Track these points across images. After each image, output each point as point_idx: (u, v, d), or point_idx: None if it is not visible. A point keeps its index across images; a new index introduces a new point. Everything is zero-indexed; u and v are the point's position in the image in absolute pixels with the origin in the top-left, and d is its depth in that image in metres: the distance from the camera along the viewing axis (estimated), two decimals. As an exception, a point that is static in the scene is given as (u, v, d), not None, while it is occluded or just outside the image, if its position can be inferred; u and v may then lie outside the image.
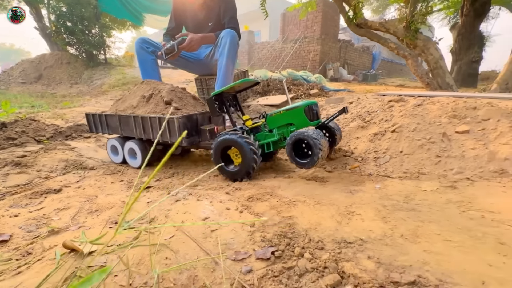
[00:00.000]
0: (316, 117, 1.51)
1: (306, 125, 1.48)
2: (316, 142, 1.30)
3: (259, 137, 1.67)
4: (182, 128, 1.69)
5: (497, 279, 0.67)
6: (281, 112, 1.55)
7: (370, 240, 0.88)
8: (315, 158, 1.31)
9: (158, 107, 1.88)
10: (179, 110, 1.83)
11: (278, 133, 1.59)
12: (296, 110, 1.50)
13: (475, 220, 0.95)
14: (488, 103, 1.62)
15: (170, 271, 0.86)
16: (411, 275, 0.71)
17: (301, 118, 1.49)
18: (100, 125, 2.16)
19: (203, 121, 1.89)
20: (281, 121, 1.56)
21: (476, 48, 7.44)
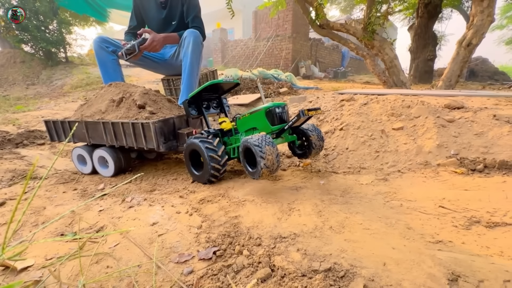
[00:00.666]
0: (279, 121, 1.38)
1: (268, 130, 1.37)
2: (257, 149, 1.17)
3: (232, 141, 1.61)
4: (159, 133, 1.60)
5: (395, 260, 0.79)
6: (246, 115, 1.47)
7: (302, 233, 0.97)
8: (259, 168, 1.18)
9: (130, 111, 1.77)
10: (154, 114, 1.73)
11: None
12: (257, 113, 1.40)
13: (394, 209, 1.08)
14: (421, 102, 1.82)
15: (110, 279, 0.87)
16: (329, 262, 0.81)
17: (263, 122, 1.37)
18: (63, 132, 2.00)
19: (181, 125, 1.80)
20: (247, 125, 1.48)
21: (431, 47, 8.13)
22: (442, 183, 1.24)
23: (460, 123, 1.58)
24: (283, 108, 1.40)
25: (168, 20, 3.00)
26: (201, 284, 0.85)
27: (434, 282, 0.68)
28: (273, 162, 1.19)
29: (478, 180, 1.21)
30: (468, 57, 3.81)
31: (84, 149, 1.94)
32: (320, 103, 2.36)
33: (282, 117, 1.39)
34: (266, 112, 1.36)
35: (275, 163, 1.20)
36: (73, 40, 8.86)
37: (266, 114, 1.36)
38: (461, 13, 11.67)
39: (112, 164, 1.84)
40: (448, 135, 1.52)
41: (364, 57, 4.37)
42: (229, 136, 1.66)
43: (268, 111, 1.36)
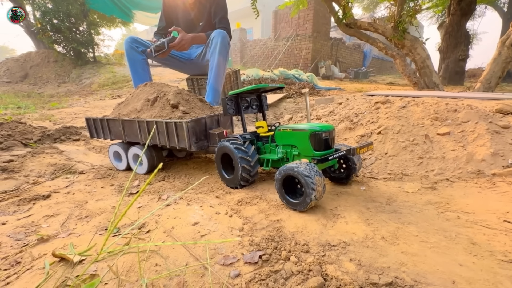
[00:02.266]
0: (324, 147, 1.25)
1: (309, 153, 1.27)
2: (308, 180, 1.07)
3: (266, 149, 1.54)
4: (191, 133, 1.60)
5: (466, 278, 0.72)
6: (288, 130, 1.35)
7: (352, 242, 0.92)
8: (308, 200, 1.09)
9: (164, 110, 1.78)
10: (187, 114, 1.72)
11: (282, 152, 1.42)
12: (301, 133, 1.28)
13: (451, 221, 1.01)
14: (468, 105, 1.69)
15: (160, 278, 0.88)
16: (388, 276, 0.76)
17: (305, 144, 1.27)
18: (102, 130, 2.06)
19: (212, 125, 1.79)
20: (287, 140, 1.38)
21: (463, 46, 7.65)
22: (502, 195, 1.14)
23: (516, 129, 1.45)
24: (331, 133, 1.27)
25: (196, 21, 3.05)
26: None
27: (520, 308, 0.62)
28: (321, 194, 1.12)
29: (545, 194, 1.09)
30: (511, 57, 3.52)
31: (120, 146, 2.00)
32: (351, 105, 2.28)
33: (327, 142, 1.26)
34: (310, 135, 1.25)
35: (322, 195, 1.13)
36: (100, 40, 9.32)
37: (310, 136, 1.25)
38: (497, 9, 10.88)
39: (146, 162, 1.89)
40: (504, 143, 1.40)
41: (393, 57, 4.18)
42: (264, 143, 1.57)
43: (314, 134, 1.24)
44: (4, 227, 1.24)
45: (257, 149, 1.56)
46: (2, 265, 0.96)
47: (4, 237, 1.15)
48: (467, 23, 7.63)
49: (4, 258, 1.00)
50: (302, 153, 1.32)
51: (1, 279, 0.89)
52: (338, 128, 2.04)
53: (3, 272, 0.92)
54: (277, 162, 1.44)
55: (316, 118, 2.37)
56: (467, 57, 7.85)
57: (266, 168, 1.48)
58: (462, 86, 6.97)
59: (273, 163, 1.46)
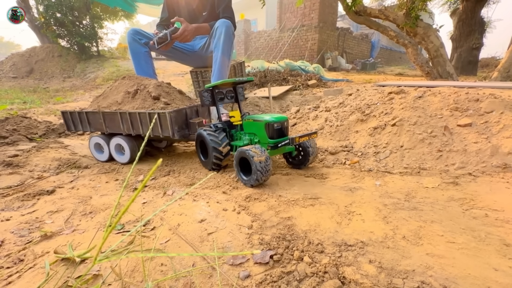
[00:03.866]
0: (277, 135, 1.45)
1: (265, 141, 1.47)
2: (251, 153, 1.28)
3: (237, 136, 1.73)
4: (174, 122, 1.72)
5: (504, 285, 0.65)
6: (251, 121, 1.55)
7: (371, 242, 0.86)
8: (254, 178, 1.30)
9: (146, 102, 1.88)
10: (169, 105, 1.84)
11: (247, 139, 1.61)
12: (258, 123, 1.48)
13: (479, 219, 0.92)
14: (491, 94, 1.57)
15: (166, 280, 0.83)
16: (414, 280, 0.69)
17: (262, 132, 1.47)
18: (80, 123, 2.10)
19: (192, 115, 1.93)
20: (251, 129, 1.57)
21: (477, 35, 7.30)
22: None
23: (547, 119, 1.33)
24: (283, 124, 1.47)
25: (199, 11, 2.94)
26: (262, 292, 0.78)
27: None
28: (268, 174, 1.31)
29: None
30: (532, 44, 3.31)
31: (101, 137, 2.03)
32: (362, 96, 2.17)
33: (281, 131, 1.46)
34: (265, 124, 1.44)
35: (266, 176, 1.32)
36: (104, 34, 9.24)
37: (265, 126, 1.44)
38: (514, -6, 10.30)
39: (128, 152, 1.95)
40: (533, 134, 1.29)
41: (405, 46, 3.99)
42: (237, 130, 1.75)
43: (267, 124, 1.44)
44: (8, 223, 1.21)
45: (231, 136, 1.75)
46: (5, 263, 0.93)
47: (8, 233, 1.12)
48: (482, 10, 7.26)
49: (7, 256, 0.97)
50: (261, 140, 1.51)
51: (3, 278, 0.85)
52: (348, 120, 1.94)
53: (6, 270, 0.89)
54: None
55: (325, 110, 2.27)
56: (481, 45, 7.50)
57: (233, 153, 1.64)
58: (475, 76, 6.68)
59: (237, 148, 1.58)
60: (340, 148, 1.73)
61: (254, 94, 4.14)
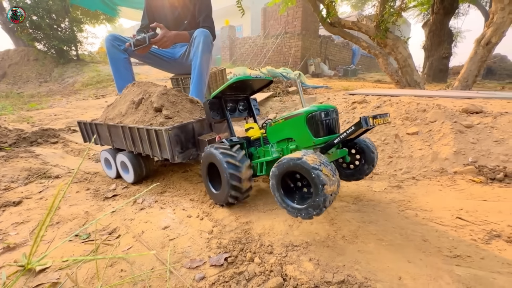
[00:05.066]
0: (327, 131, 1.01)
1: (309, 143, 1.02)
2: (320, 174, 0.78)
3: (260, 153, 1.28)
4: (174, 142, 1.39)
5: (412, 274, 0.77)
6: (280, 122, 1.12)
7: (314, 242, 0.96)
8: (319, 202, 0.79)
9: (147, 115, 1.58)
10: (170, 119, 1.50)
11: (277, 150, 1.17)
12: (295, 119, 1.04)
13: (409, 219, 1.06)
14: (437, 105, 1.76)
15: (124, 283, 0.89)
16: (342, 274, 0.80)
17: (303, 131, 1.02)
18: (92, 134, 1.92)
19: (202, 130, 1.55)
20: (281, 134, 1.13)
21: (446, 45, 7.86)
22: (460, 192, 1.20)
23: (479, 129, 1.52)
24: (332, 113, 1.02)
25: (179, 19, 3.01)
26: (213, 291, 0.85)
27: (454, 301, 0.66)
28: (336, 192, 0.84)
29: (498, 190, 1.16)
30: (486, 56, 3.66)
31: (109, 152, 1.84)
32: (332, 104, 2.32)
33: (330, 125, 1.02)
34: (307, 118, 0.99)
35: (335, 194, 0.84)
36: (84, 38, 9.03)
37: (307, 120, 1.00)
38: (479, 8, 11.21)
39: (132, 171, 1.68)
40: (466, 142, 1.47)
41: (376, 56, 4.27)
42: (257, 147, 1.32)
43: (311, 116, 0.99)
44: (-30, 236, 1.21)
45: (250, 155, 1.30)
46: (-36, 276, 0.94)
47: (-31, 246, 1.12)
48: (450, 22, 7.84)
49: (-33, 269, 0.98)
50: (300, 144, 1.06)
51: (-40, 290, 0.87)
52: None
53: (-35, 283, 0.91)
54: (271, 164, 1.19)
55: (297, 118, 2.40)
56: (450, 55, 8.08)
57: (261, 174, 1.22)
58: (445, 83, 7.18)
59: (268, 166, 1.20)
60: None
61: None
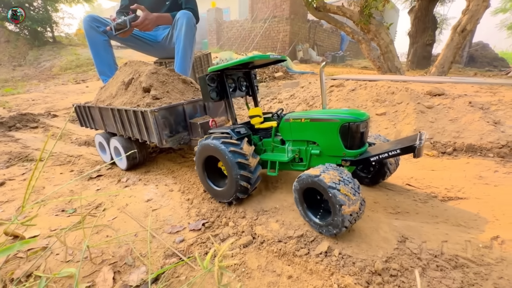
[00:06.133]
0: (359, 143, 0.93)
1: (338, 153, 0.94)
2: (336, 194, 0.76)
3: (266, 146, 1.16)
4: (162, 124, 1.28)
5: (359, 227, 0.91)
6: (303, 121, 1.00)
7: (282, 207, 1.08)
8: (338, 222, 0.78)
9: (135, 95, 1.46)
10: (158, 100, 1.39)
11: (293, 151, 1.07)
12: (327, 124, 0.93)
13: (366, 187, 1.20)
14: (406, 88, 1.89)
15: (110, 246, 0.98)
16: (302, 230, 0.93)
17: (333, 139, 0.93)
18: (87, 118, 1.83)
19: (195, 112, 1.44)
20: (301, 134, 1.03)
21: (430, 32, 8.02)
22: (414, 164, 1.36)
23: (438, 109, 1.67)
24: (367, 124, 0.94)
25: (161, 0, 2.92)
26: (191, 250, 0.96)
27: (386, 243, 0.81)
28: (361, 212, 0.81)
29: (445, 162, 1.32)
30: (462, 43, 3.83)
31: (103, 136, 1.73)
32: (310, 89, 2.41)
33: (363, 137, 0.94)
34: (341, 126, 0.90)
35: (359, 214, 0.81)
36: (60, 18, 8.47)
37: (340, 128, 0.91)
38: (463, -5, 11.37)
39: (124, 157, 1.57)
40: (425, 121, 1.62)
41: (359, 42, 4.35)
42: (261, 137, 1.19)
43: (347, 126, 0.90)
44: (-46, 214, 1.24)
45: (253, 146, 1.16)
46: (-47, 248, 1.00)
47: (-45, 223, 1.16)
48: (435, 8, 7.97)
49: (-45, 241, 1.04)
50: (325, 152, 0.98)
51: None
52: (296, 110, 2.18)
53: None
54: (285, 165, 1.11)
55: (278, 102, 2.49)
56: (434, 42, 8.27)
57: (273, 174, 1.11)
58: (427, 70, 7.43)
59: (280, 165, 1.10)
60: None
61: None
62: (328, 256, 0.80)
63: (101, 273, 0.87)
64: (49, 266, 0.89)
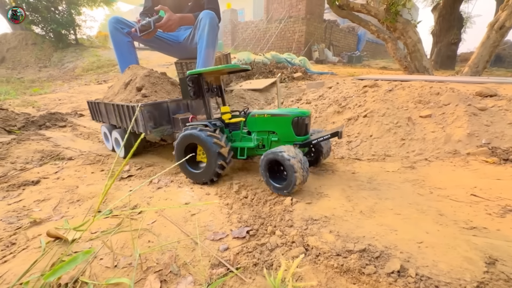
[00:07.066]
0: (305, 132, 1.27)
1: (291, 139, 1.26)
2: (290, 164, 1.08)
3: (235, 136, 1.46)
4: (147, 117, 1.59)
5: (431, 244, 0.80)
6: (265, 116, 1.31)
7: (333, 217, 0.99)
8: (291, 184, 1.11)
9: (131, 94, 1.81)
10: (146, 97, 1.72)
11: (257, 139, 1.36)
12: (282, 119, 1.25)
13: (424, 196, 1.09)
14: (451, 89, 1.75)
15: (153, 252, 0.93)
16: (363, 244, 0.83)
17: (287, 129, 1.25)
18: (96, 112, 2.17)
19: (178, 109, 1.75)
20: (263, 126, 1.33)
21: (456, 30, 7.63)
22: (473, 172, 1.23)
23: (492, 111, 1.52)
24: (309, 118, 1.29)
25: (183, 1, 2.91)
26: (238, 260, 0.90)
27: (471, 264, 0.70)
28: (305, 178, 1.14)
29: (511, 170, 1.19)
30: (499, 41, 3.58)
31: (107, 127, 2.07)
32: (340, 89, 2.30)
33: (307, 127, 1.28)
34: (293, 120, 1.24)
35: (304, 179, 1.14)
36: (82, 21, 8.78)
37: (292, 122, 1.24)
38: (490, -8, 10.77)
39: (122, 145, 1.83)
40: (480, 124, 1.47)
41: (385, 41, 4.17)
42: (231, 130, 1.49)
43: (296, 120, 1.24)
44: (-5, 212, 1.25)
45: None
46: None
47: (-4, 221, 1.16)
48: (460, 6, 7.58)
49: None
50: (282, 139, 1.29)
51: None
52: (326, 111, 2.08)
53: (0, 252, 0.95)
54: (251, 150, 1.39)
55: (306, 103, 2.40)
56: (460, 41, 7.86)
57: (242, 158, 1.40)
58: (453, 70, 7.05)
59: (248, 151, 1.39)
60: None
61: (240, 86, 4.19)
62: (402, 276, 0.70)
63: (147, 282, 0.81)
64: (94, 271, 0.85)
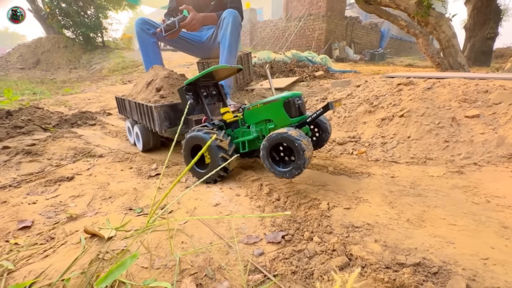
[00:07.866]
0: (298, 113, 1.27)
1: (286, 123, 1.25)
2: (299, 143, 1.04)
3: (237, 134, 1.49)
4: (163, 117, 1.66)
5: (499, 261, 0.70)
6: (258, 106, 1.34)
7: (376, 224, 0.91)
8: (301, 165, 1.05)
9: (151, 93, 1.89)
10: (163, 98, 1.77)
11: (256, 130, 1.38)
12: (274, 104, 1.26)
13: (480, 205, 0.97)
14: (501, 86, 1.57)
15: (187, 254, 0.91)
16: (416, 257, 0.75)
17: (280, 113, 1.25)
18: (122, 107, 2.33)
19: (193, 111, 1.81)
20: (259, 116, 1.35)
21: (492, 24, 7.04)
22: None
23: (555, 111, 1.34)
24: (300, 98, 1.28)
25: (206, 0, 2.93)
26: (275, 267, 0.85)
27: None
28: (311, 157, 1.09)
29: None
30: (548, 33, 3.21)
31: (130, 122, 2.21)
32: (371, 88, 2.18)
33: (300, 108, 1.27)
34: (284, 102, 1.23)
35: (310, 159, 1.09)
36: (108, 24, 9.23)
37: (284, 105, 1.23)
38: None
39: (141, 140, 2.04)
40: (540, 125, 1.31)
41: (416, 36, 3.91)
42: (233, 129, 1.52)
43: (287, 101, 1.23)
44: (35, 206, 1.31)
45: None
46: (38, 240, 1.02)
47: (36, 215, 1.21)
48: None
49: (39, 234, 1.06)
50: (278, 124, 1.29)
51: (39, 252, 0.94)
52: (356, 111, 1.97)
53: (40, 246, 0.98)
54: (252, 143, 1.40)
55: (332, 101, 2.29)
56: (496, 35, 7.24)
57: (244, 151, 1.42)
58: (488, 67, 6.50)
59: (249, 144, 1.41)
60: (347, 139, 1.77)
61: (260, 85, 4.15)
62: (469, 298, 0.62)
63: (183, 284, 0.79)
64: (130, 271, 0.84)
